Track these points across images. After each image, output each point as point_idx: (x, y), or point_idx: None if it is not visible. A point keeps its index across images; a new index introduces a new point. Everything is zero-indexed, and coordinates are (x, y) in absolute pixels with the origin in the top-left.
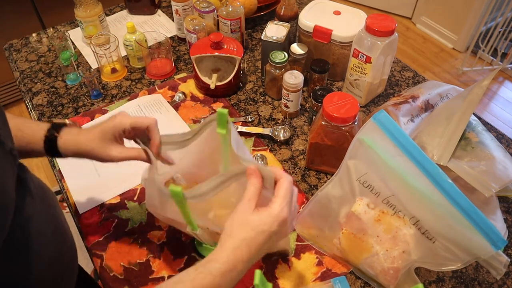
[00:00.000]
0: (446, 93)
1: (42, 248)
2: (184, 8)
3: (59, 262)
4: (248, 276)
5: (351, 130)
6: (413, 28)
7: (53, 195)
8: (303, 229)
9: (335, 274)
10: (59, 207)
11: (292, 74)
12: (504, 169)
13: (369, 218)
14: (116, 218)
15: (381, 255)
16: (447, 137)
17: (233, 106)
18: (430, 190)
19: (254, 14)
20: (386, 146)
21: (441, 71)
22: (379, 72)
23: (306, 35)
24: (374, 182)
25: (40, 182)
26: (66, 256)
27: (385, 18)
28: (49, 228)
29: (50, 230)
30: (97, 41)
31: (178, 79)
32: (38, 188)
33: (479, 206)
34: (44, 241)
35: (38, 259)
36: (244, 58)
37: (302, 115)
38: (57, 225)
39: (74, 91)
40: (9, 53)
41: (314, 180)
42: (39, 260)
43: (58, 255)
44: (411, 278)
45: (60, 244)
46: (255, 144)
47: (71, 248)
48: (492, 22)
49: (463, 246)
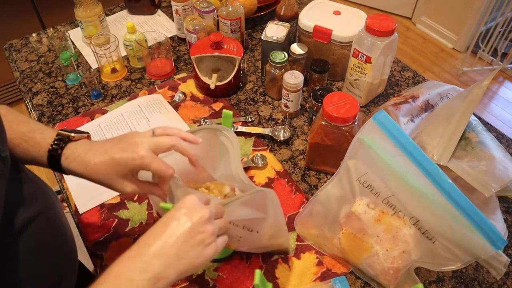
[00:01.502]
0: (446, 93)
1: (41, 248)
2: (184, 8)
3: (59, 261)
4: (248, 276)
5: (351, 130)
6: (413, 28)
7: (54, 194)
8: (303, 229)
9: (335, 274)
10: (59, 206)
11: (292, 74)
12: (504, 169)
13: (369, 218)
14: (116, 218)
15: (381, 255)
16: (447, 137)
17: (233, 106)
18: (430, 190)
19: (254, 14)
20: (386, 146)
21: (441, 71)
22: (379, 72)
23: (306, 35)
24: (374, 182)
25: (40, 181)
26: (66, 255)
27: (385, 18)
28: (48, 228)
29: (49, 229)
30: (97, 41)
31: (178, 79)
32: (36, 187)
33: (479, 206)
34: (43, 240)
35: (38, 258)
36: (244, 58)
37: (302, 115)
38: (57, 225)
39: (74, 91)
40: (9, 53)
41: (314, 180)
42: (38, 260)
43: (57, 254)
44: (411, 278)
45: (60, 243)
46: (255, 144)
47: (71, 247)
48: (492, 22)
49: (463, 246)
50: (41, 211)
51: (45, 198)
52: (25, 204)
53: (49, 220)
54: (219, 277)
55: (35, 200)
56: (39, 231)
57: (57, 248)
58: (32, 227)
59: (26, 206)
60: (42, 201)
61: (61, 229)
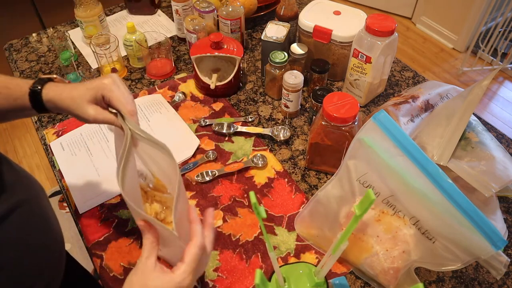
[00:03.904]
0: (446, 93)
1: (24, 236)
2: (184, 8)
3: (42, 253)
4: (248, 276)
5: (351, 130)
6: (413, 28)
7: (39, 186)
8: (303, 229)
9: (335, 274)
10: (45, 198)
11: (292, 74)
12: (504, 169)
13: (369, 218)
14: (116, 218)
15: (381, 255)
16: (447, 137)
17: (233, 106)
18: (430, 190)
19: (254, 14)
20: (386, 146)
21: (441, 71)
22: (379, 72)
23: (306, 35)
24: (374, 182)
25: (24, 173)
26: (50, 247)
27: (385, 18)
28: (32, 217)
29: (34, 219)
30: (97, 41)
31: (178, 79)
32: (18, 178)
33: (479, 206)
34: (26, 229)
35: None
36: (244, 58)
37: (302, 115)
38: (40, 216)
39: None
40: (9, 53)
41: (314, 180)
42: (18, 250)
43: (40, 246)
44: (411, 278)
45: (45, 232)
46: (255, 144)
47: (56, 239)
48: (492, 22)
49: (463, 246)
50: (22, 202)
51: (27, 189)
52: (6, 193)
53: (32, 211)
54: (218, 278)
55: (16, 190)
56: (20, 221)
57: (41, 236)
58: (13, 217)
59: (7, 195)
60: (24, 192)
61: (45, 221)
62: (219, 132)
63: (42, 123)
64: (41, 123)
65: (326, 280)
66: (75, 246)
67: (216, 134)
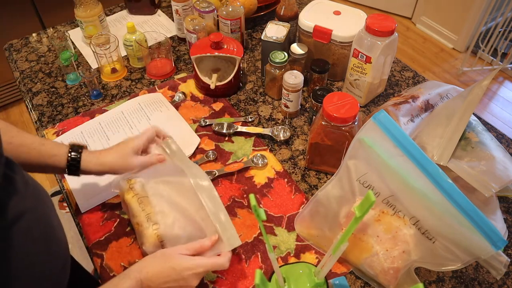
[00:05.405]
0: (446, 93)
1: (30, 246)
2: (184, 8)
3: (48, 260)
4: (248, 276)
5: (351, 130)
6: (413, 28)
7: (48, 197)
8: (303, 229)
9: (335, 274)
10: (53, 209)
11: (292, 74)
12: (504, 169)
13: (369, 218)
14: (118, 217)
15: (381, 255)
16: (447, 137)
17: (233, 106)
18: (430, 190)
19: (254, 14)
20: (386, 146)
21: (441, 71)
22: (379, 72)
23: (306, 35)
24: (374, 182)
25: (35, 183)
26: (56, 255)
27: (385, 18)
28: (38, 228)
29: (39, 229)
30: (97, 41)
31: (178, 79)
32: (31, 188)
33: (479, 206)
34: (32, 239)
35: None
36: (244, 58)
37: (302, 115)
38: (47, 224)
39: (74, 91)
40: (9, 53)
41: (314, 180)
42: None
43: (47, 254)
44: (411, 278)
45: (50, 243)
46: (255, 144)
47: (62, 248)
48: (492, 22)
49: (463, 246)
50: (30, 208)
51: (37, 197)
52: (18, 198)
53: (39, 219)
54: (218, 279)
55: (25, 197)
56: (28, 226)
57: (46, 247)
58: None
59: (18, 201)
60: (32, 199)
61: (52, 229)
62: (219, 132)
63: (42, 123)
64: (41, 123)
65: (326, 280)
66: (75, 246)
67: (216, 134)
